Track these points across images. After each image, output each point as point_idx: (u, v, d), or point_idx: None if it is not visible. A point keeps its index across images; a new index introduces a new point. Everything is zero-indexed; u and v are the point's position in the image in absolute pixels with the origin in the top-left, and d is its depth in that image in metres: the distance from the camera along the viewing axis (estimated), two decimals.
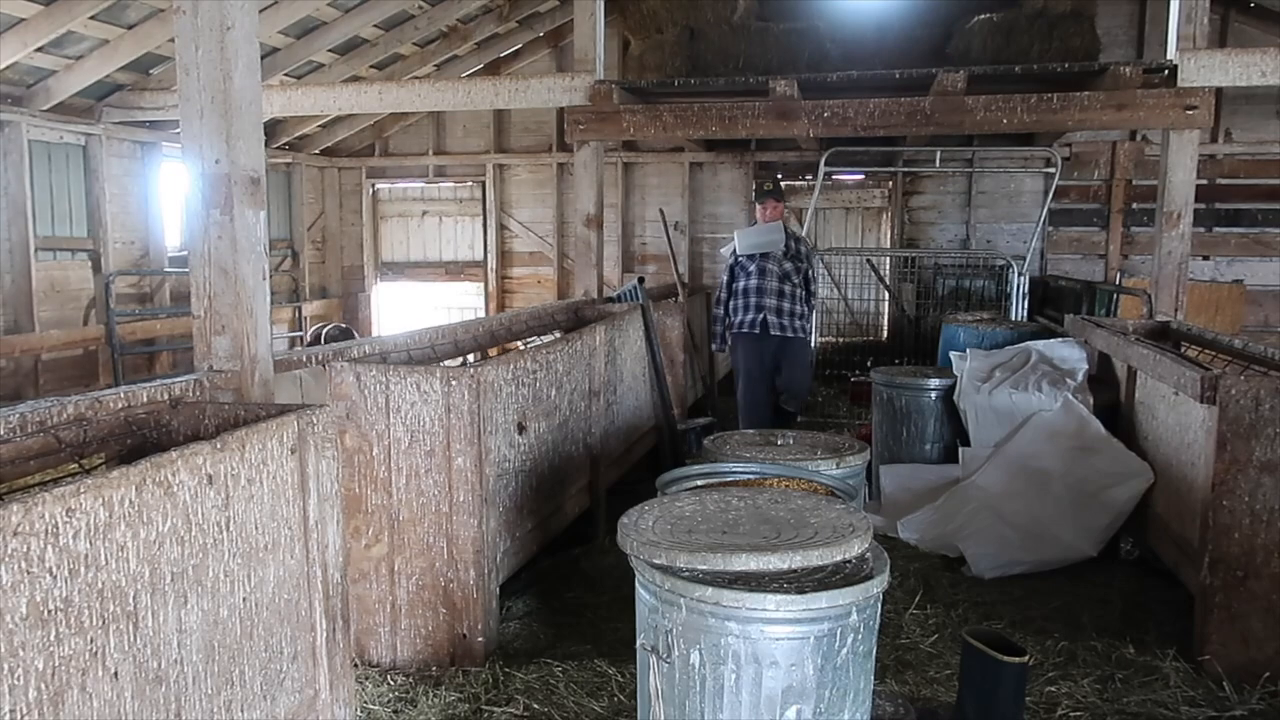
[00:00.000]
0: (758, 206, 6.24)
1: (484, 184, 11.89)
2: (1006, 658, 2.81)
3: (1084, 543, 4.37)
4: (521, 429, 3.84)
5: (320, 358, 3.64)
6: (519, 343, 5.69)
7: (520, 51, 11.33)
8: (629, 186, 11.53)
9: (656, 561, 2.31)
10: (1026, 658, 2.85)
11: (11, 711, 1.59)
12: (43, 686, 1.65)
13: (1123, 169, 10.22)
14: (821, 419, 7.75)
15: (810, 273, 6.17)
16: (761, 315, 5.93)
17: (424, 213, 12.38)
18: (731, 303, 6.12)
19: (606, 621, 3.86)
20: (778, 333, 5.94)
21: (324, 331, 10.93)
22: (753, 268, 5.97)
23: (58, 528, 1.68)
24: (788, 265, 5.99)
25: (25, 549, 1.61)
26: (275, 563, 2.35)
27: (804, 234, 6.46)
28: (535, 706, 3.16)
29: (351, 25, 8.92)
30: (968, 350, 5.66)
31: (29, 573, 1.62)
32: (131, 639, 1.86)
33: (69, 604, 1.71)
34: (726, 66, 8.62)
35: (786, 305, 5.95)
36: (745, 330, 5.99)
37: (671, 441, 6.07)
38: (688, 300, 7.84)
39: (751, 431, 4.52)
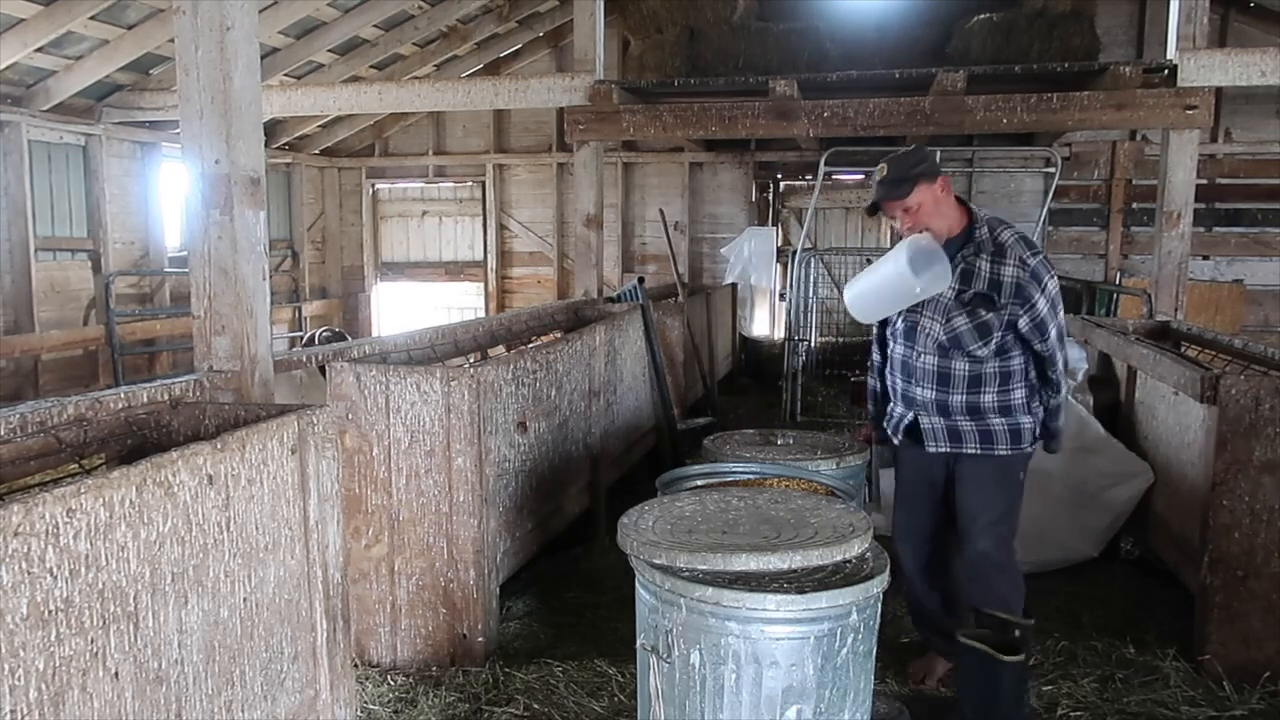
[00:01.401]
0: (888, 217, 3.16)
1: (484, 184, 11.90)
2: (1005, 657, 2.79)
3: (1084, 543, 4.37)
4: (523, 429, 3.84)
5: (320, 358, 3.64)
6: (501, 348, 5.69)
7: (520, 51, 11.33)
8: (629, 186, 11.53)
9: (656, 561, 2.31)
10: (1023, 656, 2.83)
11: (12, 711, 1.59)
12: (43, 687, 1.65)
13: (1123, 169, 10.22)
14: (821, 419, 7.75)
15: (1033, 318, 3.00)
16: (910, 415, 3.22)
17: (424, 213, 12.39)
18: (888, 374, 3.34)
19: (606, 621, 3.86)
20: (938, 446, 3.16)
21: (317, 334, 10.93)
22: (900, 324, 3.21)
23: (58, 528, 1.68)
24: (960, 321, 3.04)
25: (26, 549, 1.61)
26: (275, 563, 2.35)
27: (1014, 240, 3.03)
28: (535, 706, 3.16)
29: (351, 25, 8.93)
30: None
31: (29, 573, 1.62)
32: (132, 639, 1.86)
33: (69, 604, 1.71)
34: (726, 66, 8.63)
35: (958, 398, 3.09)
36: (891, 434, 3.36)
37: (671, 441, 6.07)
38: (688, 300, 7.84)
39: (751, 431, 4.52)
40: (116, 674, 1.82)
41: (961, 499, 3.15)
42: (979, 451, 3.09)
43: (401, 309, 12.48)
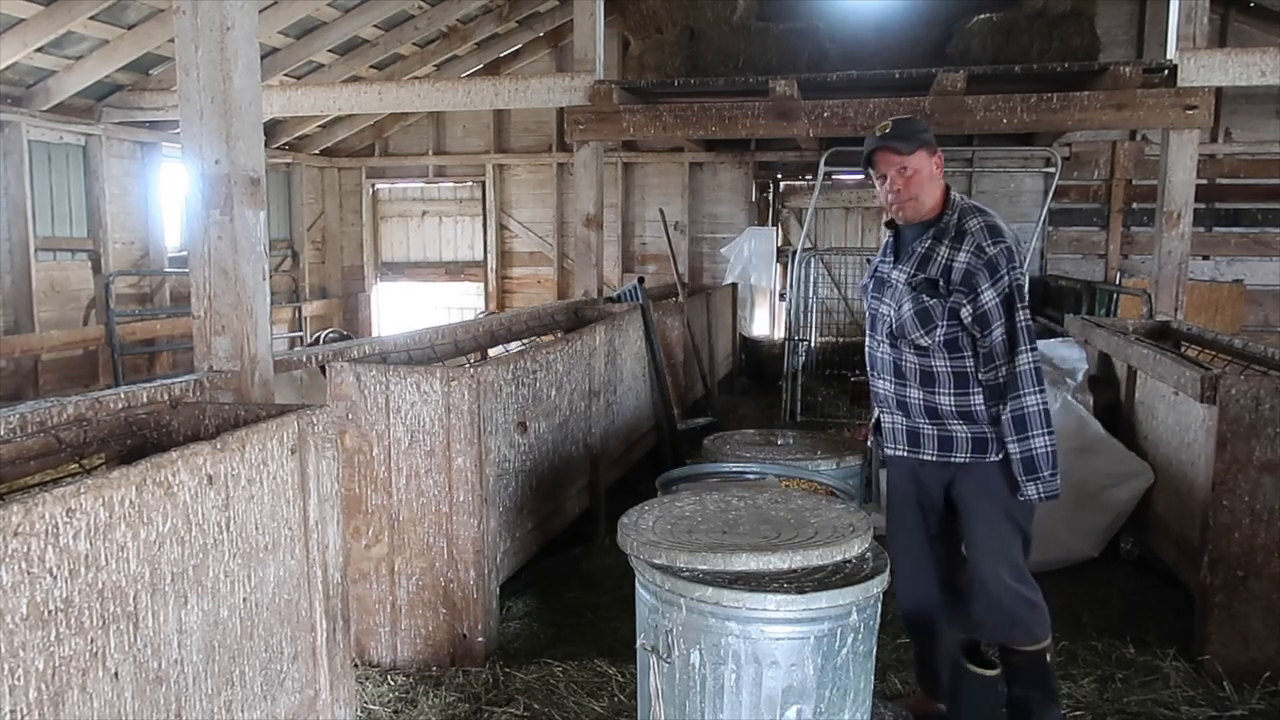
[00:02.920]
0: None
1: (484, 184, 11.90)
2: (977, 669, 2.77)
3: (1084, 544, 4.37)
4: (523, 429, 3.84)
5: (320, 358, 3.64)
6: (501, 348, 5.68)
7: (520, 51, 11.34)
8: (629, 186, 11.53)
9: (656, 561, 2.31)
10: (996, 670, 2.79)
11: (12, 711, 1.59)
12: (43, 686, 1.65)
13: (1123, 169, 10.22)
14: (821, 419, 7.75)
15: (975, 309, 2.70)
16: (878, 416, 3.01)
17: (424, 213, 12.39)
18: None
19: (606, 621, 3.86)
20: (895, 448, 2.92)
21: (323, 335, 10.95)
22: (868, 311, 3.00)
23: (58, 528, 1.68)
24: (906, 306, 2.80)
25: (26, 549, 1.61)
26: (275, 563, 2.35)
27: (978, 227, 2.75)
28: (535, 706, 3.16)
29: (351, 25, 8.93)
30: None
31: (29, 573, 1.62)
32: (132, 639, 1.86)
33: (69, 604, 1.71)
34: (726, 66, 8.63)
35: (915, 395, 2.83)
36: (878, 441, 3.09)
37: (671, 441, 6.07)
38: (688, 300, 7.84)
39: (751, 431, 4.52)
40: (116, 674, 1.82)
41: (968, 523, 2.81)
42: (936, 458, 2.79)
43: (401, 309, 12.48)
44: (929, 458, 2.83)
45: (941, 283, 2.75)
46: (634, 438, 5.58)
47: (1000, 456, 2.73)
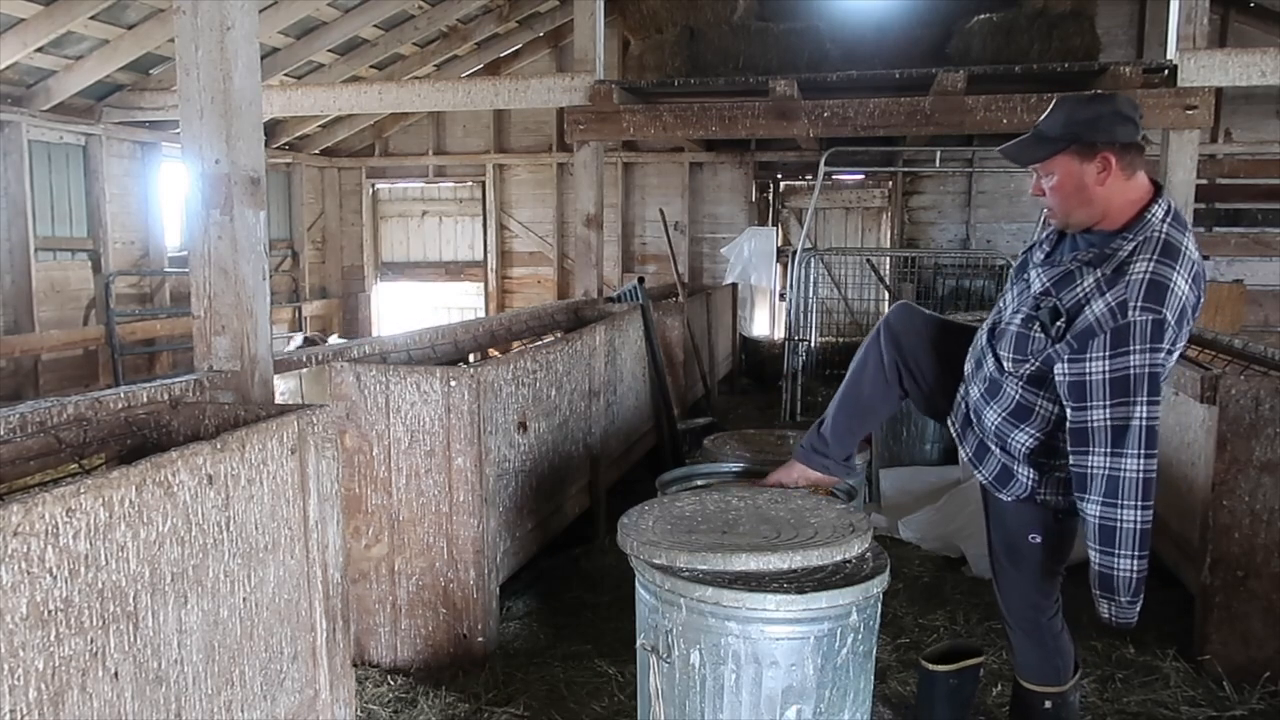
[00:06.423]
0: None
1: (484, 184, 11.91)
2: (934, 666, 2.86)
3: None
4: (523, 429, 3.83)
5: (320, 358, 3.64)
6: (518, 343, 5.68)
7: (520, 51, 11.34)
8: (629, 186, 11.54)
9: (656, 561, 2.31)
10: (952, 666, 2.88)
11: (12, 711, 1.59)
12: (43, 687, 1.65)
13: None
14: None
15: (1073, 375, 2.20)
16: (957, 429, 2.68)
17: (424, 213, 12.40)
18: None
19: (606, 621, 3.86)
20: (965, 446, 2.63)
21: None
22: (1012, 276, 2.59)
23: (58, 528, 1.68)
24: (1017, 319, 2.37)
25: (25, 549, 1.61)
26: (275, 563, 2.35)
27: (1140, 277, 2.12)
28: (535, 706, 3.16)
29: (351, 25, 8.94)
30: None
31: (29, 573, 1.62)
32: (132, 639, 1.86)
33: (69, 604, 1.71)
34: (726, 66, 8.63)
35: (991, 416, 2.47)
36: None
37: (672, 441, 6.07)
38: (688, 300, 7.84)
39: (751, 431, 4.52)
40: (116, 674, 1.82)
41: (993, 543, 2.70)
42: (994, 488, 2.52)
43: (401, 309, 12.48)
44: (987, 484, 2.56)
45: (1062, 322, 2.22)
46: (634, 438, 5.58)
47: (1013, 498, 2.50)
